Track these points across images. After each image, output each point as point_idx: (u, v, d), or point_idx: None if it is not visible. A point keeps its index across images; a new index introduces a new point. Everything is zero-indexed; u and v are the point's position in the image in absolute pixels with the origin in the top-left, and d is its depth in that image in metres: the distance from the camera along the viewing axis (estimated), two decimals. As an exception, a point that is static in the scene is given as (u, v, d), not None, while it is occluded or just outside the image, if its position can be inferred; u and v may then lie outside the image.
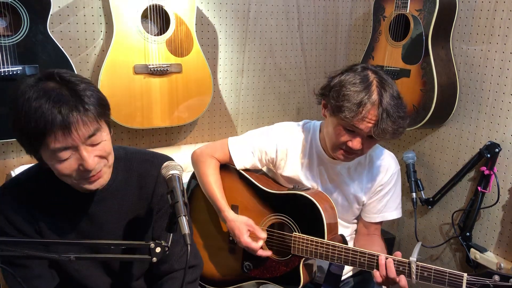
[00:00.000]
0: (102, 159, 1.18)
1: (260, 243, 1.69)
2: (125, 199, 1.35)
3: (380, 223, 1.82)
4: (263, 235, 1.70)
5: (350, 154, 1.60)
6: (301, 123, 1.83)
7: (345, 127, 1.55)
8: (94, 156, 1.15)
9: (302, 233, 1.66)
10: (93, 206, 1.31)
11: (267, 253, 1.70)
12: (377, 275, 1.51)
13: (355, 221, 1.84)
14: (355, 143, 1.55)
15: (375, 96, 1.49)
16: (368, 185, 1.74)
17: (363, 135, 1.54)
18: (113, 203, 1.34)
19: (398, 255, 1.52)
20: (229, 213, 1.73)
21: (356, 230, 1.86)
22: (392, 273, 1.48)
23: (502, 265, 2.06)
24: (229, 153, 1.81)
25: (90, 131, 1.12)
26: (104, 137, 1.17)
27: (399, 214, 1.80)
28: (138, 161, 1.34)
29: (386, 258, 1.51)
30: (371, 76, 1.53)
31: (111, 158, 1.22)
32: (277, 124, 1.86)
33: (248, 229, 1.69)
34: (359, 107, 1.48)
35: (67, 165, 1.13)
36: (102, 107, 1.16)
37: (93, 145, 1.14)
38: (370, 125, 1.50)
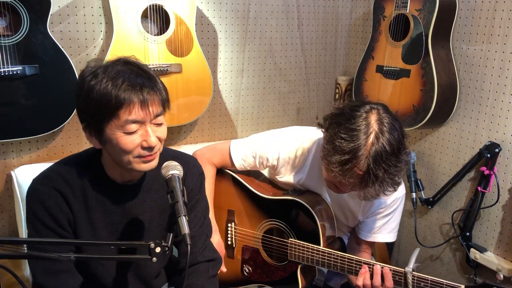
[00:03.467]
0: (159, 142, 1.27)
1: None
2: (157, 194, 1.40)
3: (372, 243, 1.77)
4: (224, 269, 1.70)
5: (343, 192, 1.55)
6: (309, 134, 1.73)
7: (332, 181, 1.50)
8: (155, 135, 1.24)
9: (298, 239, 1.65)
10: (127, 199, 1.36)
11: None
12: (360, 283, 1.49)
13: (350, 229, 1.83)
14: (344, 189, 1.51)
15: (363, 163, 1.37)
16: (367, 206, 1.68)
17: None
18: (146, 197, 1.39)
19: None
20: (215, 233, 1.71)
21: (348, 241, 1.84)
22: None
23: (502, 276, 2.05)
24: (230, 157, 1.78)
25: (158, 110, 1.24)
26: (164, 122, 1.29)
27: (393, 239, 1.73)
28: (167, 158, 1.35)
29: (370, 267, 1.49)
30: (372, 127, 1.39)
31: (162, 146, 1.30)
32: (283, 131, 1.79)
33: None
34: (345, 172, 1.39)
35: (132, 139, 1.21)
36: (167, 96, 1.28)
37: (156, 125, 1.25)
38: (352, 185, 1.43)
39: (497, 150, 2.09)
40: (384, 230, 1.71)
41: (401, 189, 1.65)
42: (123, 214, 1.36)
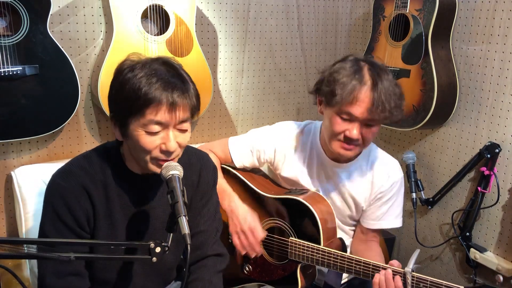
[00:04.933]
0: (179, 147, 1.27)
1: (262, 237, 1.69)
2: None
3: (379, 230, 1.79)
4: (263, 234, 1.70)
5: (349, 144, 1.56)
6: (303, 123, 1.82)
7: (340, 114, 1.53)
8: (176, 141, 1.24)
9: (298, 238, 1.65)
10: (147, 191, 1.37)
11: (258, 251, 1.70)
12: (376, 284, 1.49)
13: (354, 222, 1.83)
14: (353, 132, 1.52)
15: (367, 77, 1.50)
16: (368, 191, 1.71)
17: (360, 122, 1.52)
18: (165, 190, 1.37)
19: (394, 264, 1.49)
20: (239, 201, 1.72)
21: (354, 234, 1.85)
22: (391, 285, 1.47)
23: (501, 278, 2.05)
24: (229, 151, 1.81)
25: (185, 116, 1.24)
26: (189, 129, 1.28)
27: (399, 224, 1.75)
28: (182, 153, 1.35)
29: (385, 269, 1.48)
30: (362, 62, 1.55)
31: (181, 153, 1.30)
32: (278, 124, 1.85)
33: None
34: (351, 87, 1.48)
35: (152, 140, 1.22)
36: (197, 103, 1.28)
37: (180, 131, 1.25)
38: (364, 108, 1.49)
39: (497, 150, 2.09)
40: (389, 216, 1.73)
41: (398, 173, 1.72)
42: (141, 205, 1.37)
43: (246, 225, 1.66)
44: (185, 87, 1.24)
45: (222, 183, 1.74)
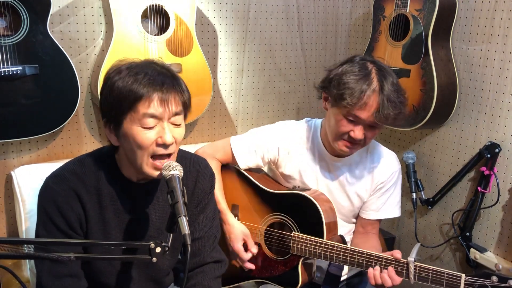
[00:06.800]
0: (175, 143, 1.27)
1: (249, 255, 1.72)
2: None
3: (378, 221, 1.82)
4: (254, 250, 1.73)
5: (353, 144, 1.62)
6: (302, 121, 1.85)
7: (346, 116, 1.57)
8: (172, 135, 1.24)
9: (301, 232, 1.67)
10: (141, 198, 1.36)
11: (251, 266, 1.74)
12: (371, 279, 1.52)
13: (354, 220, 1.85)
14: (357, 133, 1.57)
15: (375, 83, 1.53)
16: (368, 182, 1.75)
17: (364, 124, 1.57)
18: (159, 197, 1.39)
19: (395, 254, 1.52)
20: (228, 217, 1.74)
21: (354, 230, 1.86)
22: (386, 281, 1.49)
23: (500, 266, 2.06)
24: (232, 153, 1.81)
25: (178, 109, 1.25)
26: (182, 124, 1.29)
27: (398, 213, 1.81)
28: (180, 159, 1.35)
29: (387, 259, 1.50)
30: (370, 65, 1.58)
31: (177, 149, 1.30)
32: (278, 122, 1.87)
33: (243, 238, 1.72)
34: (361, 94, 1.52)
35: (148, 135, 1.22)
36: (189, 98, 1.30)
37: (174, 125, 1.26)
38: (371, 113, 1.53)
39: (497, 150, 2.09)
40: (389, 206, 1.78)
41: (396, 163, 1.78)
42: (135, 212, 1.36)
43: (232, 247, 1.73)
44: (175, 81, 1.25)
45: (219, 197, 1.75)
